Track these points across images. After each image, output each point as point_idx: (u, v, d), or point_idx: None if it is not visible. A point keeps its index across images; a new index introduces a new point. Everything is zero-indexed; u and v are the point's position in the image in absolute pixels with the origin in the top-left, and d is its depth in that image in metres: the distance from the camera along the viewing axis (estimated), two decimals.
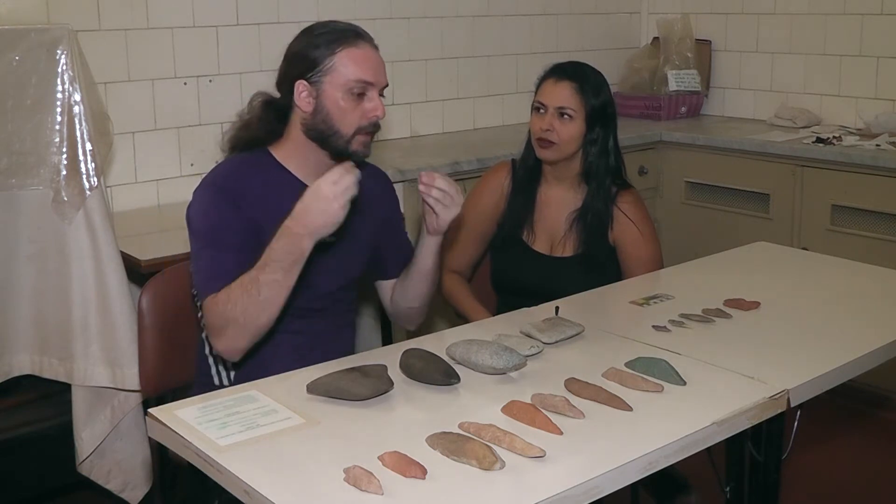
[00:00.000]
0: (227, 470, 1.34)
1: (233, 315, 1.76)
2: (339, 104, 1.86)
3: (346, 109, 1.87)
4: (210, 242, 1.85)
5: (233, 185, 1.90)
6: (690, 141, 3.86)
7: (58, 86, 2.33)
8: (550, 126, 2.38)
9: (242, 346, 1.81)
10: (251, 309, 1.76)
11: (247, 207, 1.87)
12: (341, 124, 1.87)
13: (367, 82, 1.87)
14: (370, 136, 1.91)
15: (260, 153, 1.96)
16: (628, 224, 2.43)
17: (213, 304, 1.79)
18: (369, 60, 1.88)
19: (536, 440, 1.39)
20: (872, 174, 3.34)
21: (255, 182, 1.91)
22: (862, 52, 3.85)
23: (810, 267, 2.46)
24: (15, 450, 2.61)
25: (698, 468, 1.99)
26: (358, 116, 1.87)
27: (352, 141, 1.89)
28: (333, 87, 1.86)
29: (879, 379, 2.83)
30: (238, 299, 1.76)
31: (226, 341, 1.80)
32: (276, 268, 1.75)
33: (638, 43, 4.56)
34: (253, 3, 3.24)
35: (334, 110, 1.87)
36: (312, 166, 1.94)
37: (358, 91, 1.86)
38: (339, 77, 1.86)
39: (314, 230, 1.73)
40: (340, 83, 1.86)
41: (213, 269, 1.83)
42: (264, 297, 1.75)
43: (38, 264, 2.41)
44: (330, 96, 1.87)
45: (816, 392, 1.69)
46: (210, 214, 1.87)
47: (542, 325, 1.86)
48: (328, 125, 1.88)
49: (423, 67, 3.78)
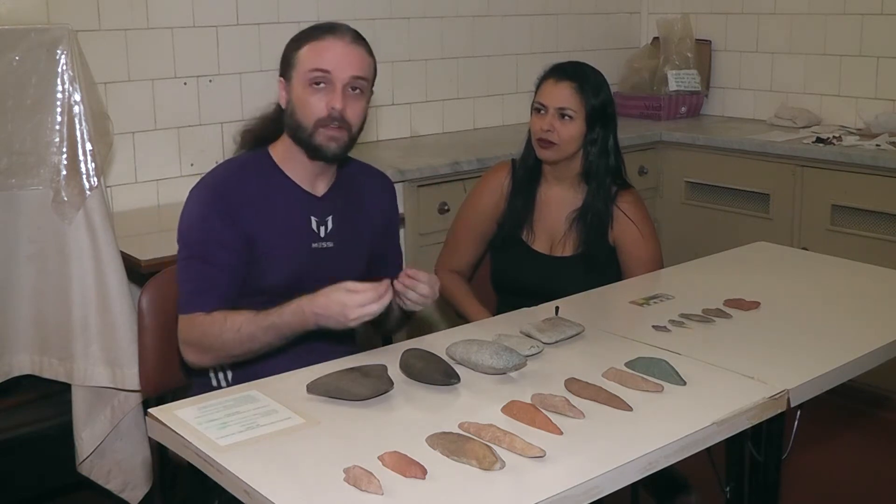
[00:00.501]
0: (227, 470, 1.34)
1: (217, 348, 1.82)
2: (301, 96, 1.86)
3: (307, 102, 1.86)
4: (199, 254, 1.86)
5: (231, 191, 1.89)
6: (690, 141, 3.86)
7: (58, 86, 2.33)
8: (551, 126, 2.38)
9: (212, 365, 1.90)
10: (236, 351, 1.82)
11: (242, 218, 1.87)
12: (303, 116, 1.87)
13: (323, 70, 1.84)
14: (339, 131, 1.87)
15: (260, 154, 1.96)
16: (628, 224, 2.43)
17: (199, 324, 1.82)
18: (329, 51, 1.85)
19: (536, 440, 1.39)
20: (872, 174, 3.34)
21: (254, 188, 1.90)
22: (862, 52, 3.85)
23: (810, 267, 2.46)
24: (15, 450, 2.61)
25: (698, 468, 1.99)
26: (318, 108, 1.85)
27: (315, 134, 1.86)
28: (298, 81, 1.87)
29: (879, 379, 2.83)
30: (229, 342, 1.80)
31: (196, 358, 1.87)
32: (275, 335, 1.78)
33: (638, 43, 4.56)
34: (253, 3, 3.24)
35: (298, 103, 1.87)
36: (303, 168, 1.94)
37: (316, 80, 1.84)
38: (301, 69, 1.86)
39: (321, 324, 1.75)
40: (302, 75, 1.86)
41: (200, 285, 1.85)
42: (251, 350, 1.82)
43: (38, 264, 2.41)
44: (296, 90, 1.87)
45: (816, 392, 1.69)
46: (203, 225, 1.87)
47: (542, 325, 1.86)
48: (294, 119, 1.88)
49: (423, 67, 3.78)
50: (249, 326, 1.78)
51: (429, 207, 3.18)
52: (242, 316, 1.79)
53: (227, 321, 1.79)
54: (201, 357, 1.85)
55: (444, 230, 2.73)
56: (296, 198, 1.94)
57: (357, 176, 2.05)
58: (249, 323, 1.78)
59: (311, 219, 1.95)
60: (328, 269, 1.92)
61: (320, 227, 1.96)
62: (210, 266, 1.84)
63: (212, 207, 1.87)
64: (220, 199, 1.87)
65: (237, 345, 1.80)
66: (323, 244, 1.96)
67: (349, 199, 2.01)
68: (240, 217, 1.87)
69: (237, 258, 1.86)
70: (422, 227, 3.16)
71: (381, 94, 3.65)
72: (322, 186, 1.97)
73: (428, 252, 3.04)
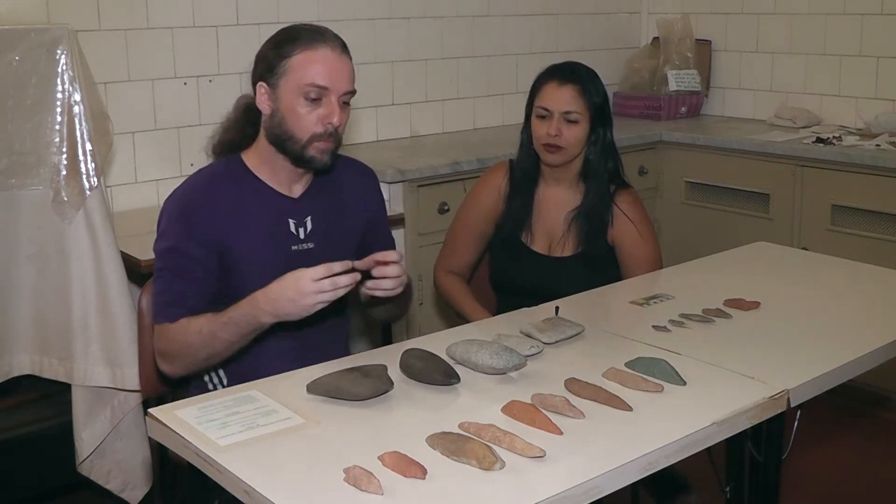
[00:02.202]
0: (227, 470, 1.34)
1: (183, 354, 1.83)
2: (294, 108, 1.83)
3: (300, 114, 1.83)
4: (170, 266, 1.87)
5: (199, 204, 1.88)
6: (690, 141, 3.86)
7: (58, 86, 2.33)
8: (558, 131, 2.38)
9: (185, 374, 1.90)
10: (202, 354, 1.83)
11: (211, 231, 1.86)
12: (296, 129, 1.84)
13: (322, 87, 1.82)
14: (330, 143, 1.86)
15: (233, 161, 1.95)
16: (627, 223, 2.43)
17: (167, 334, 1.84)
18: (326, 64, 1.82)
19: (536, 440, 1.39)
20: (872, 174, 3.34)
21: (224, 198, 1.89)
22: (862, 52, 3.85)
23: (810, 267, 2.46)
24: (15, 450, 2.61)
25: (698, 468, 1.99)
26: (313, 122, 1.83)
27: (307, 147, 1.85)
28: (289, 91, 1.83)
29: (879, 379, 2.83)
30: (193, 344, 1.81)
31: (170, 367, 1.88)
32: (233, 331, 1.78)
33: (638, 43, 4.56)
34: (253, 3, 3.24)
35: (289, 114, 1.84)
36: (280, 173, 1.93)
37: (313, 96, 1.82)
38: (293, 80, 1.82)
39: (278, 314, 1.74)
40: (295, 86, 1.82)
41: (169, 297, 1.85)
42: (216, 351, 1.82)
43: (38, 264, 2.41)
44: (285, 99, 1.83)
45: (816, 392, 1.69)
46: (172, 239, 1.87)
47: (542, 325, 1.86)
48: (283, 129, 1.85)
49: (423, 67, 3.78)
50: (209, 325, 1.79)
51: (429, 207, 3.18)
52: (204, 318, 1.80)
53: (191, 324, 1.81)
54: (171, 366, 1.87)
55: (444, 230, 2.73)
56: (270, 202, 1.92)
57: (337, 172, 2.00)
58: (209, 322, 1.79)
59: (289, 221, 1.94)
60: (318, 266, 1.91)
61: (299, 228, 1.95)
62: (177, 278, 1.85)
63: (179, 221, 1.87)
64: (188, 212, 1.87)
65: (201, 347, 1.81)
66: (303, 246, 1.94)
67: (329, 197, 1.99)
68: (210, 228, 1.86)
69: (205, 270, 1.86)
70: (421, 227, 3.16)
71: (381, 94, 3.65)
72: (299, 188, 1.96)
73: (427, 252, 3.04)
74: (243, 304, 1.76)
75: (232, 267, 1.89)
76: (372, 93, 3.55)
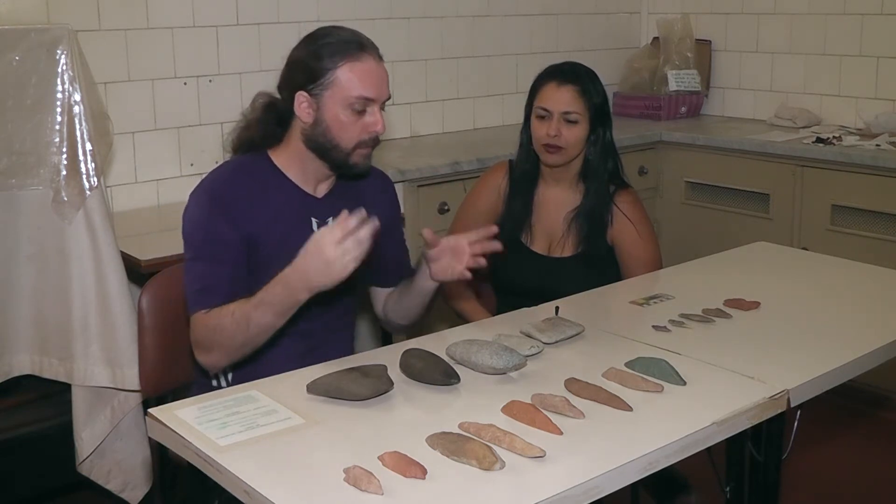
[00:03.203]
0: (227, 470, 1.34)
1: (220, 340, 1.80)
2: (340, 119, 1.85)
3: (346, 124, 1.85)
4: (202, 255, 1.86)
5: (227, 193, 1.89)
6: (690, 141, 3.86)
7: (58, 86, 2.33)
8: (557, 131, 2.38)
9: (224, 364, 1.88)
10: (239, 339, 1.79)
11: (241, 218, 1.87)
12: (341, 139, 1.86)
13: (369, 99, 1.85)
14: (370, 149, 1.91)
15: (259, 157, 1.96)
16: (627, 223, 2.43)
17: (203, 322, 1.81)
18: (372, 75, 1.85)
19: (536, 440, 1.39)
20: (872, 174, 3.34)
21: (251, 189, 1.90)
22: (862, 52, 3.85)
23: (810, 267, 2.46)
24: (15, 450, 2.61)
25: (698, 468, 1.98)
26: (358, 131, 1.86)
27: (352, 154, 1.88)
28: (334, 102, 1.84)
29: (879, 379, 2.82)
30: (227, 329, 1.78)
31: (210, 359, 1.85)
32: (268, 311, 1.75)
33: (638, 43, 4.56)
34: (253, 3, 3.24)
35: (334, 124, 1.85)
36: (311, 174, 1.94)
37: (359, 108, 1.84)
38: (340, 92, 1.83)
39: (313, 287, 1.72)
40: (341, 98, 1.83)
41: (204, 284, 1.84)
42: (253, 334, 1.79)
43: (38, 264, 2.41)
44: (330, 110, 1.85)
45: (816, 392, 1.68)
46: (203, 226, 1.87)
47: (542, 325, 1.86)
48: (328, 138, 1.87)
49: (423, 67, 3.78)
50: (242, 308, 1.77)
51: (429, 207, 3.18)
52: (236, 303, 1.79)
53: (224, 310, 1.79)
54: (208, 356, 1.84)
55: (444, 230, 2.72)
56: (296, 199, 1.94)
57: None
58: (241, 306, 1.77)
59: (312, 220, 1.95)
60: None
61: (321, 227, 1.95)
62: (212, 265, 1.85)
63: (210, 209, 1.87)
64: (218, 199, 1.87)
65: (236, 332, 1.78)
66: None
67: (349, 200, 2.01)
68: (239, 218, 1.87)
69: (239, 256, 1.86)
70: (422, 227, 3.12)
71: None
72: (323, 188, 1.98)
73: None
74: (274, 284, 1.74)
75: (257, 261, 1.89)
76: None
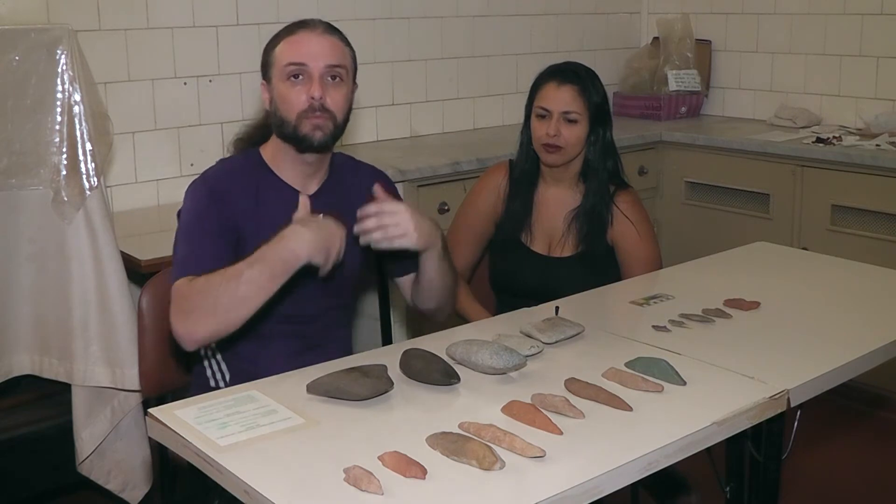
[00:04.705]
0: (227, 470, 1.34)
1: (202, 302, 1.72)
2: (281, 91, 1.88)
3: (285, 95, 1.88)
4: (192, 232, 1.87)
5: (222, 188, 1.91)
6: (690, 141, 3.86)
7: (58, 86, 2.33)
8: (557, 131, 2.38)
9: (202, 335, 1.75)
10: (224, 300, 1.71)
11: (231, 207, 1.89)
12: (285, 111, 1.88)
13: (298, 63, 1.86)
14: (322, 120, 1.86)
15: (251, 155, 1.98)
16: (627, 224, 2.43)
17: (187, 286, 1.75)
18: (302, 43, 1.88)
19: (536, 440, 1.39)
20: (872, 174, 3.34)
21: (244, 186, 1.92)
22: (862, 52, 3.85)
23: (810, 267, 2.46)
24: (15, 450, 2.61)
25: (698, 468, 1.98)
26: (300, 101, 1.86)
27: (299, 126, 1.87)
28: (277, 78, 1.89)
29: (879, 379, 2.83)
30: (215, 286, 1.71)
31: (186, 324, 1.74)
32: (263, 269, 1.71)
33: (638, 43, 4.56)
34: (253, 3, 3.24)
35: (279, 99, 1.89)
36: (292, 167, 1.95)
37: (293, 73, 1.86)
38: (278, 66, 1.89)
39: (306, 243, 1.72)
40: (279, 71, 1.89)
41: (192, 255, 1.83)
42: (242, 294, 1.71)
43: (38, 264, 2.41)
44: (276, 87, 1.90)
45: (816, 392, 1.68)
46: (197, 212, 1.89)
47: (542, 325, 1.86)
48: (278, 116, 1.90)
49: (423, 67, 3.78)
50: (235, 266, 1.73)
51: (429, 207, 3.18)
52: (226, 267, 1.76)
53: (213, 273, 1.74)
54: (185, 320, 1.74)
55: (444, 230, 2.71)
56: (285, 196, 1.94)
57: (350, 174, 2.05)
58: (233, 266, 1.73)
59: None
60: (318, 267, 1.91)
61: None
62: (202, 234, 1.85)
63: (206, 197, 1.89)
64: (212, 192, 1.90)
65: (224, 290, 1.71)
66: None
67: (341, 198, 2.01)
68: (231, 212, 1.88)
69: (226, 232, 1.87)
70: None
71: (381, 94, 3.65)
72: (313, 185, 1.98)
73: None
74: (271, 243, 1.72)
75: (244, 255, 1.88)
76: (372, 93, 3.55)
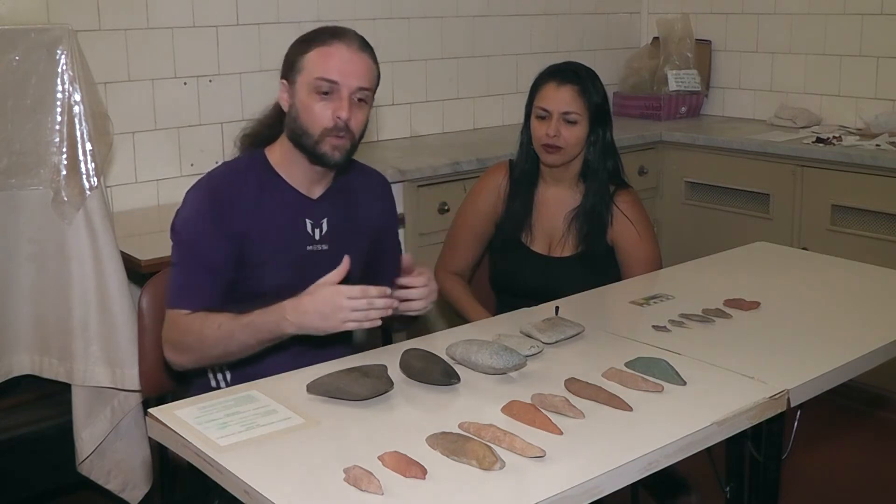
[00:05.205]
0: (227, 470, 1.34)
1: (198, 347, 1.81)
2: (305, 102, 1.85)
3: (311, 108, 1.85)
4: (189, 256, 1.87)
5: (224, 193, 1.89)
6: (690, 141, 3.86)
7: (58, 86, 2.33)
8: (556, 131, 2.38)
9: (188, 366, 1.88)
10: (217, 351, 1.81)
11: (235, 218, 1.87)
12: (308, 124, 1.86)
13: (331, 81, 1.83)
14: (343, 141, 1.86)
15: (256, 156, 1.96)
16: (627, 224, 2.43)
17: (184, 324, 1.82)
18: (336, 59, 1.84)
19: (536, 440, 1.39)
20: (872, 174, 3.34)
21: (247, 190, 1.91)
22: (862, 52, 3.85)
23: (810, 267, 2.46)
24: (15, 450, 2.61)
25: (698, 468, 1.98)
26: (325, 117, 1.84)
27: (320, 143, 1.86)
28: (302, 86, 1.86)
29: (879, 379, 2.83)
30: (210, 339, 1.79)
31: (180, 359, 1.86)
32: (251, 334, 1.76)
33: (638, 43, 4.55)
34: (253, 3, 3.24)
35: (302, 109, 1.86)
36: (303, 173, 1.94)
37: (324, 90, 1.84)
38: (307, 75, 1.85)
39: (303, 327, 1.72)
40: (307, 81, 1.85)
41: (187, 286, 1.86)
42: (230, 351, 1.80)
43: (38, 264, 2.41)
44: (300, 95, 1.86)
45: (816, 392, 1.69)
46: (195, 226, 1.88)
47: (542, 325, 1.86)
48: (298, 124, 1.87)
49: (423, 67, 3.78)
50: (229, 324, 1.77)
51: (429, 207, 3.18)
52: (224, 315, 1.79)
53: (209, 318, 1.80)
54: (179, 356, 1.86)
55: (444, 230, 2.73)
56: (290, 200, 1.94)
57: (354, 178, 2.05)
58: (229, 321, 1.78)
59: (306, 221, 1.95)
60: (323, 271, 1.90)
61: (315, 229, 1.96)
62: (198, 266, 1.86)
63: (204, 209, 1.88)
64: (213, 201, 1.88)
65: (216, 343, 1.79)
66: (317, 247, 1.95)
67: (345, 202, 2.01)
68: (233, 219, 1.87)
69: (225, 261, 1.87)
70: (422, 227, 3.16)
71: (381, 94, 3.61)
72: (318, 189, 1.97)
73: (428, 252, 3.04)
74: (269, 310, 1.74)
75: (248, 260, 1.89)
76: None
